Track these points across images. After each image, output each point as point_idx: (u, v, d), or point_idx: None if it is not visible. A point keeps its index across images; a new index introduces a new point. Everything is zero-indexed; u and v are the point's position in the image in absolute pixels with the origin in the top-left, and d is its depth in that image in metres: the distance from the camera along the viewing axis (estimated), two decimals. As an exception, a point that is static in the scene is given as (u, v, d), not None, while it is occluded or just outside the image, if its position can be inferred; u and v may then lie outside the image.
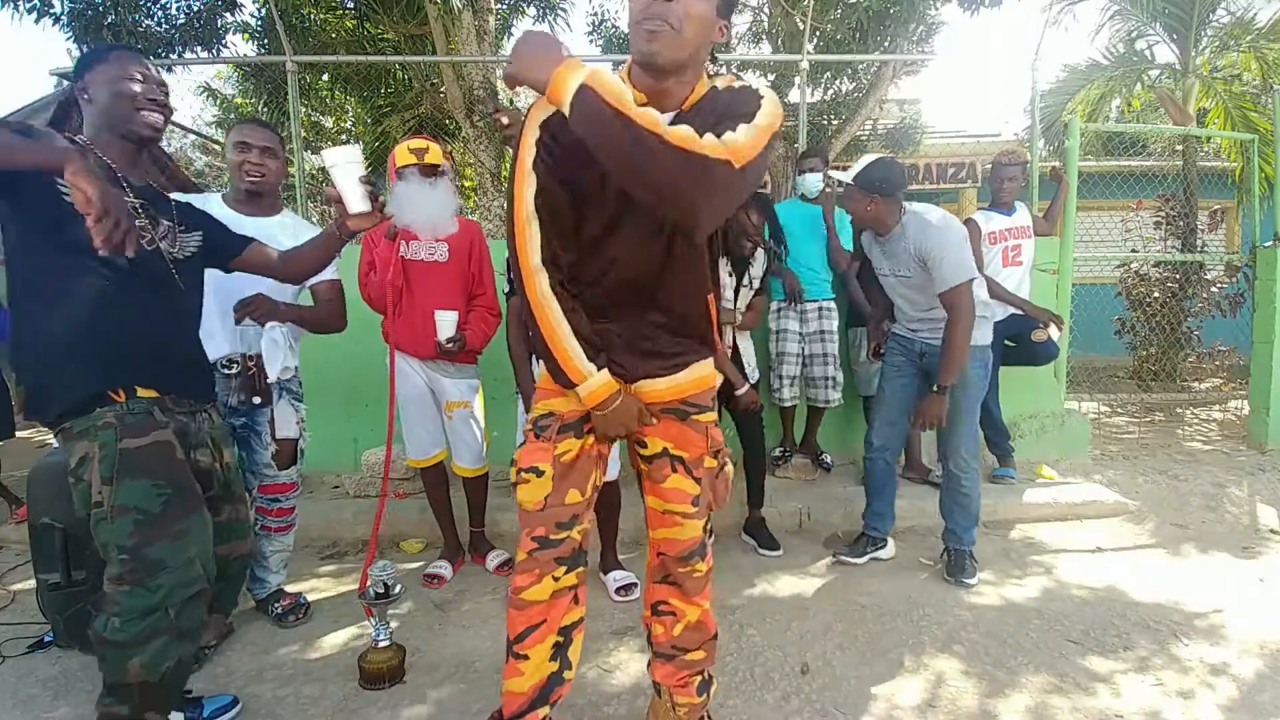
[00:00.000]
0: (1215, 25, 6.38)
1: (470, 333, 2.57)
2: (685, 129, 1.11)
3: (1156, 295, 5.87)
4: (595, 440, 1.49)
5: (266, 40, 6.36)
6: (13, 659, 2.16)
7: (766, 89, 1.33)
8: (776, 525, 3.12)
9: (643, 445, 1.51)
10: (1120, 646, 2.17)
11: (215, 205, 2.15)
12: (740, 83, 1.33)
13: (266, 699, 1.93)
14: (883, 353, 2.87)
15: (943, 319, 2.47)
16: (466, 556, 2.88)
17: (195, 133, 9.81)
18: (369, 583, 2.01)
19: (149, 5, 5.39)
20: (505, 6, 6.98)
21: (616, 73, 1.27)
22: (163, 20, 5.51)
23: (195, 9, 5.62)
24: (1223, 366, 6.14)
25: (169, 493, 1.48)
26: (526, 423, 1.51)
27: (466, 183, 8.24)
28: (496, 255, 2.56)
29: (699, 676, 1.62)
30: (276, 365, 2.18)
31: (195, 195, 2.15)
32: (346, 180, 1.68)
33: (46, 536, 2.12)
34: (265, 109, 7.26)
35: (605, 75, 1.11)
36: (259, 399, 2.18)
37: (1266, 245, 4.36)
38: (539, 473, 1.43)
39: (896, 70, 6.75)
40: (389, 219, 1.88)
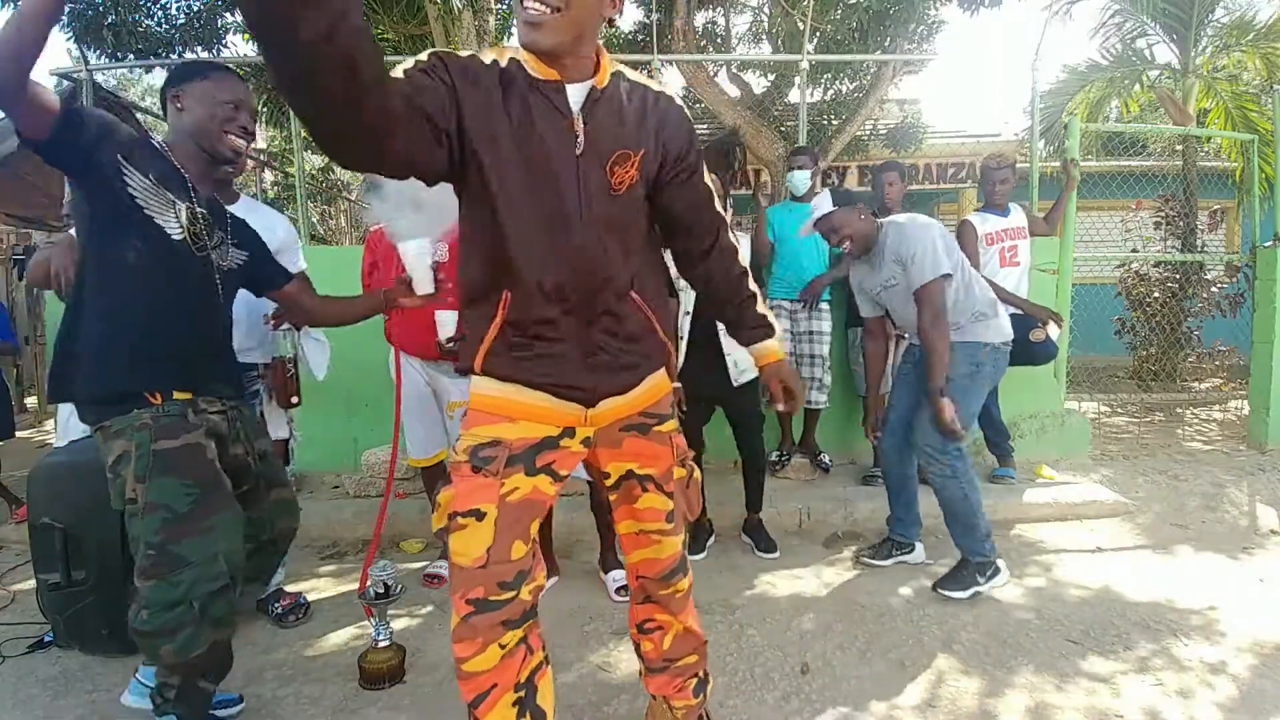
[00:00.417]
0: (1215, 25, 6.38)
1: None
2: None
3: (1156, 295, 5.88)
4: (551, 477, 1.28)
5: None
6: (13, 659, 2.17)
7: (676, 98, 1.32)
8: (776, 525, 3.12)
9: (605, 476, 1.40)
10: (1120, 646, 2.17)
11: None
12: (642, 79, 1.28)
13: (266, 699, 1.93)
14: (879, 433, 2.81)
15: None
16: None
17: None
18: (369, 583, 2.01)
19: (149, 5, 5.38)
20: (505, 6, 6.98)
21: (516, 51, 1.18)
22: (163, 20, 5.50)
23: (195, 9, 5.62)
24: (1223, 366, 6.15)
25: (197, 492, 1.54)
26: (458, 453, 1.25)
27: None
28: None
29: (694, 679, 1.59)
30: (322, 365, 2.21)
31: None
32: (419, 266, 1.85)
33: (46, 536, 2.12)
34: (265, 109, 7.25)
35: None
36: (297, 399, 2.20)
37: (1266, 245, 4.36)
38: (480, 516, 1.19)
39: (896, 70, 6.74)
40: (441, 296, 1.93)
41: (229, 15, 5.88)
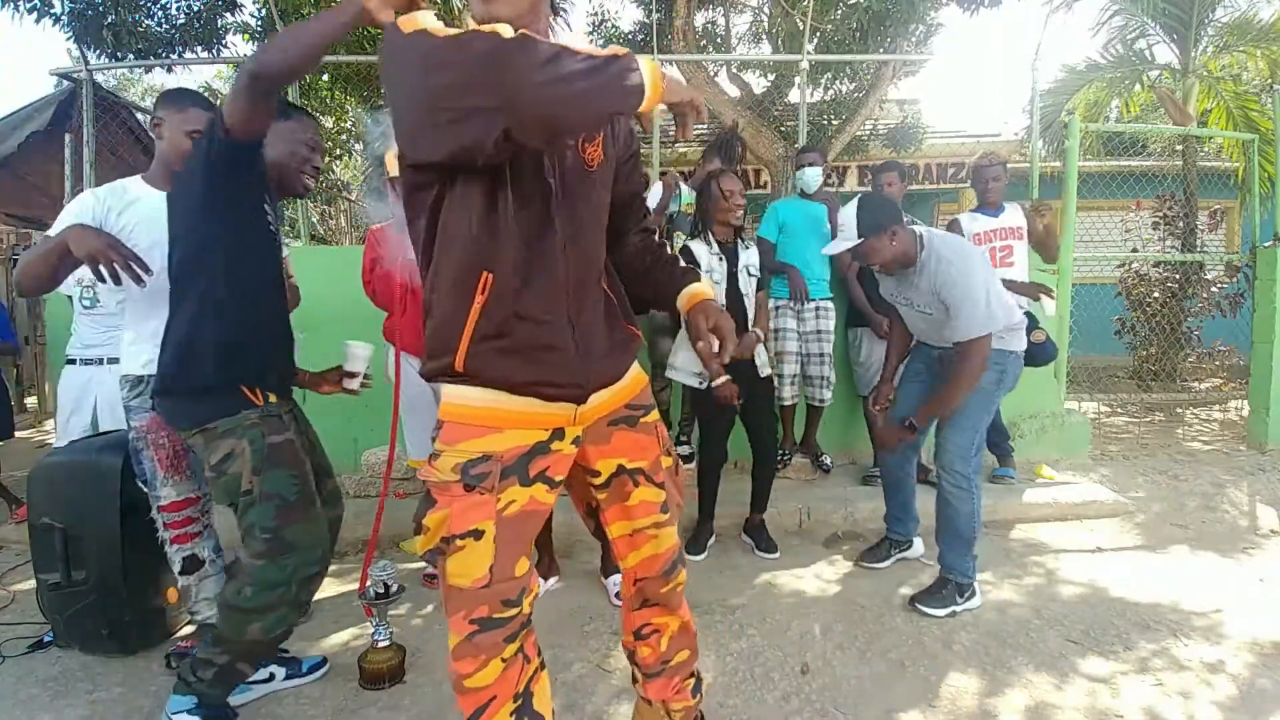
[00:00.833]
0: (1216, 25, 6.38)
1: None
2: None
3: (1156, 295, 5.88)
4: (547, 485, 1.23)
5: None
6: (13, 659, 2.17)
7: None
8: (776, 525, 3.12)
9: (595, 474, 1.35)
10: (1120, 646, 2.17)
11: (133, 187, 2.00)
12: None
13: (266, 699, 1.93)
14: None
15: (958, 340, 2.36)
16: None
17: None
18: (369, 583, 2.01)
19: (149, 5, 5.39)
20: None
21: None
22: (163, 20, 5.50)
23: (195, 9, 5.62)
24: (1223, 366, 6.15)
25: (299, 484, 1.70)
26: (444, 472, 1.17)
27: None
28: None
29: (691, 679, 1.57)
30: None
31: (114, 184, 2.05)
32: (358, 366, 2.05)
33: (46, 536, 2.12)
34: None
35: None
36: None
37: (1266, 245, 4.37)
38: (478, 535, 1.14)
39: (896, 70, 6.75)
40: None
41: (229, 15, 5.89)
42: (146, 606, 2.20)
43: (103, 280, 1.68)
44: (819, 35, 6.36)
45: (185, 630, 2.29)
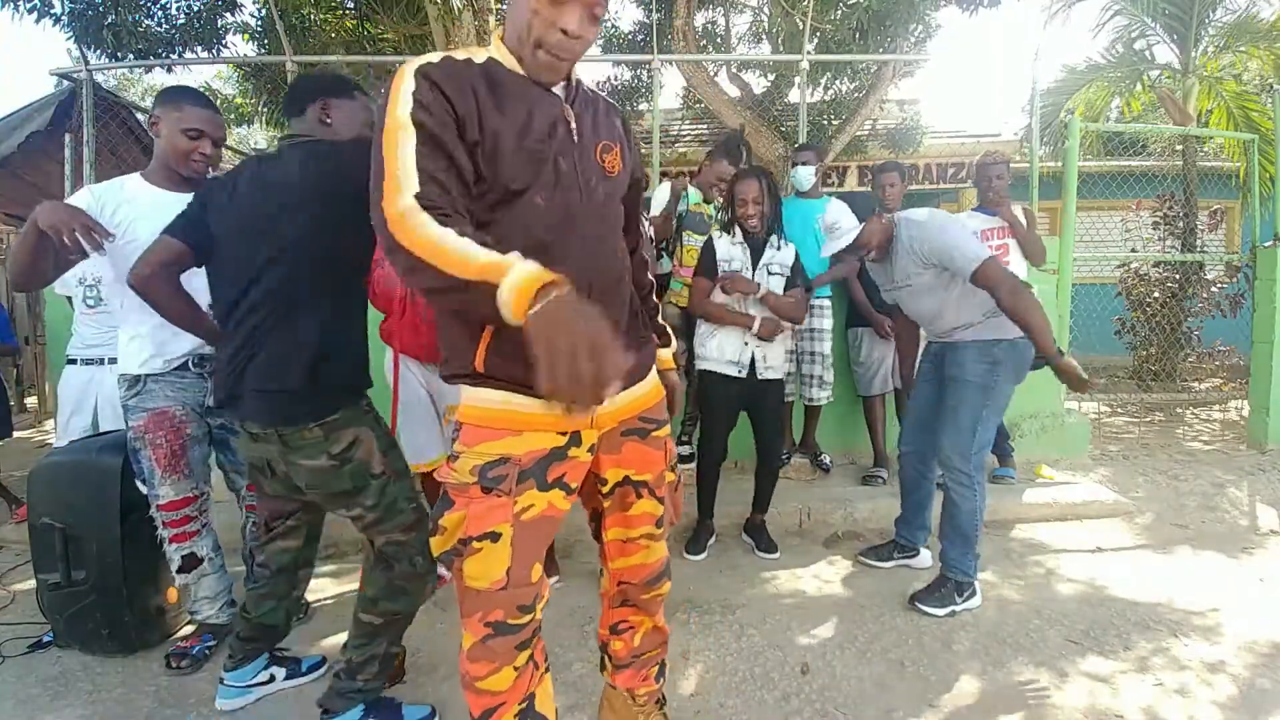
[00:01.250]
0: (1216, 25, 6.38)
1: None
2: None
3: (1156, 295, 5.88)
4: (564, 491, 1.23)
5: (266, 40, 6.36)
6: (13, 659, 2.17)
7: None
8: (776, 525, 3.12)
9: (603, 482, 1.37)
10: (1120, 646, 2.17)
11: (131, 184, 2.02)
12: (589, 87, 1.35)
13: (266, 699, 1.93)
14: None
15: (955, 325, 2.42)
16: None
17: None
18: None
19: (149, 5, 5.39)
20: (505, 7, 6.98)
21: (489, 50, 1.22)
22: (163, 20, 5.51)
23: (195, 9, 5.62)
24: (1223, 366, 6.14)
25: (404, 458, 1.81)
26: (462, 473, 1.18)
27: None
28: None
29: (655, 667, 1.61)
30: None
31: (111, 181, 2.06)
32: None
33: (46, 536, 2.12)
34: (265, 109, 7.26)
35: None
36: None
37: (1267, 245, 4.37)
38: (495, 538, 1.16)
39: (896, 70, 6.75)
40: None
41: (229, 15, 5.89)
42: (146, 606, 2.20)
43: (70, 254, 1.75)
44: (819, 35, 6.37)
45: (185, 630, 2.29)
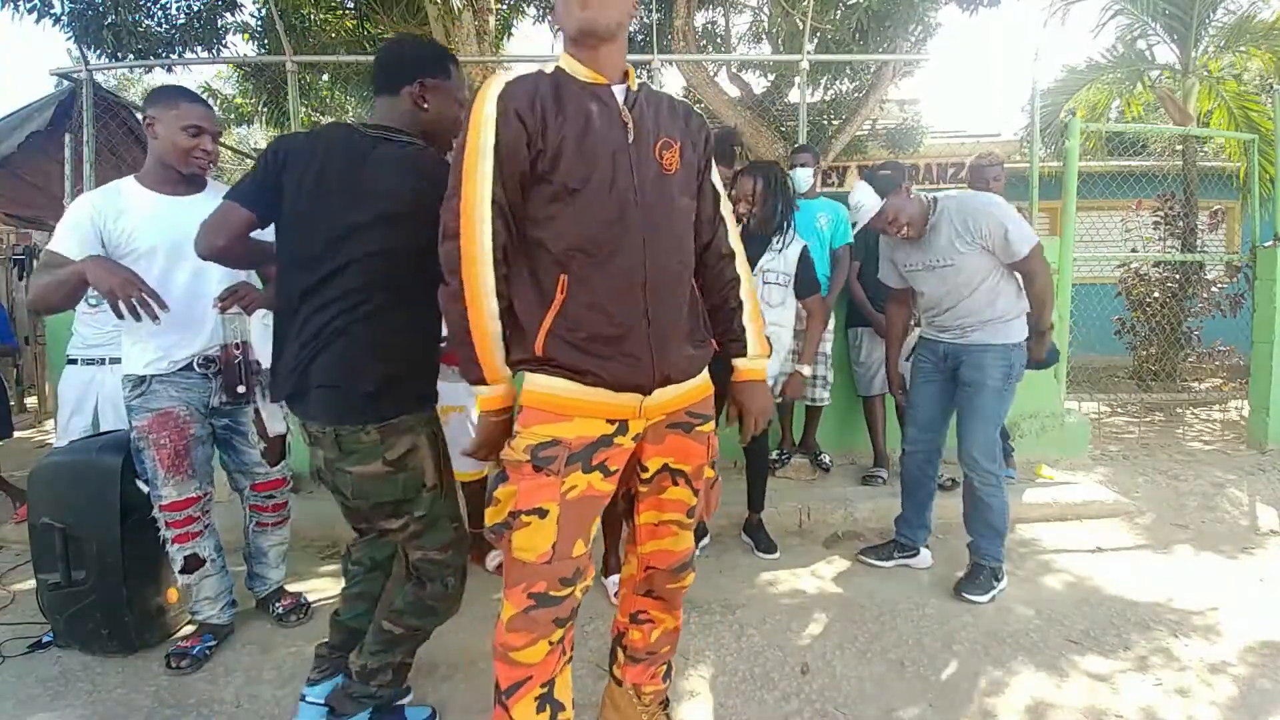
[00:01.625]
0: (1216, 25, 6.38)
1: None
2: None
3: (1156, 295, 5.87)
4: (603, 474, 1.32)
5: (266, 40, 6.36)
6: (13, 659, 2.17)
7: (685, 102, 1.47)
8: (776, 525, 3.12)
9: (644, 469, 1.44)
10: (1119, 646, 2.17)
11: (128, 189, 2.00)
12: (655, 89, 1.42)
13: (266, 699, 1.94)
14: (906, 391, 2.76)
15: (973, 321, 2.45)
16: (466, 557, 2.87)
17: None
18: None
19: (149, 5, 5.39)
20: (506, 7, 6.99)
21: (558, 63, 1.33)
22: (163, 20, 5.51)
23: (195, 9, 5.63)
24: (1223, 366, 6.14)
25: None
26: (517, 452, 1.27)
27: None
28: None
29: (664, 666, 1.66)
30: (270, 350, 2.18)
31: (107, 188, 2.03)
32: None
33: (46, 536, 2.12)
34: (265, 109, 7.26)
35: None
36: (243, 388, 2.11)
37: (1267, 245, 4.37)
38: (543, 514, 1.25)
39: (896, 70, 6.75)
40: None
41: (229, 15, 5.89)
42: (146, 606, 2.20)
43: (121, 317, 1.70)
44: (819, 35, 6.36)
45: (185, 630, 2.29)
